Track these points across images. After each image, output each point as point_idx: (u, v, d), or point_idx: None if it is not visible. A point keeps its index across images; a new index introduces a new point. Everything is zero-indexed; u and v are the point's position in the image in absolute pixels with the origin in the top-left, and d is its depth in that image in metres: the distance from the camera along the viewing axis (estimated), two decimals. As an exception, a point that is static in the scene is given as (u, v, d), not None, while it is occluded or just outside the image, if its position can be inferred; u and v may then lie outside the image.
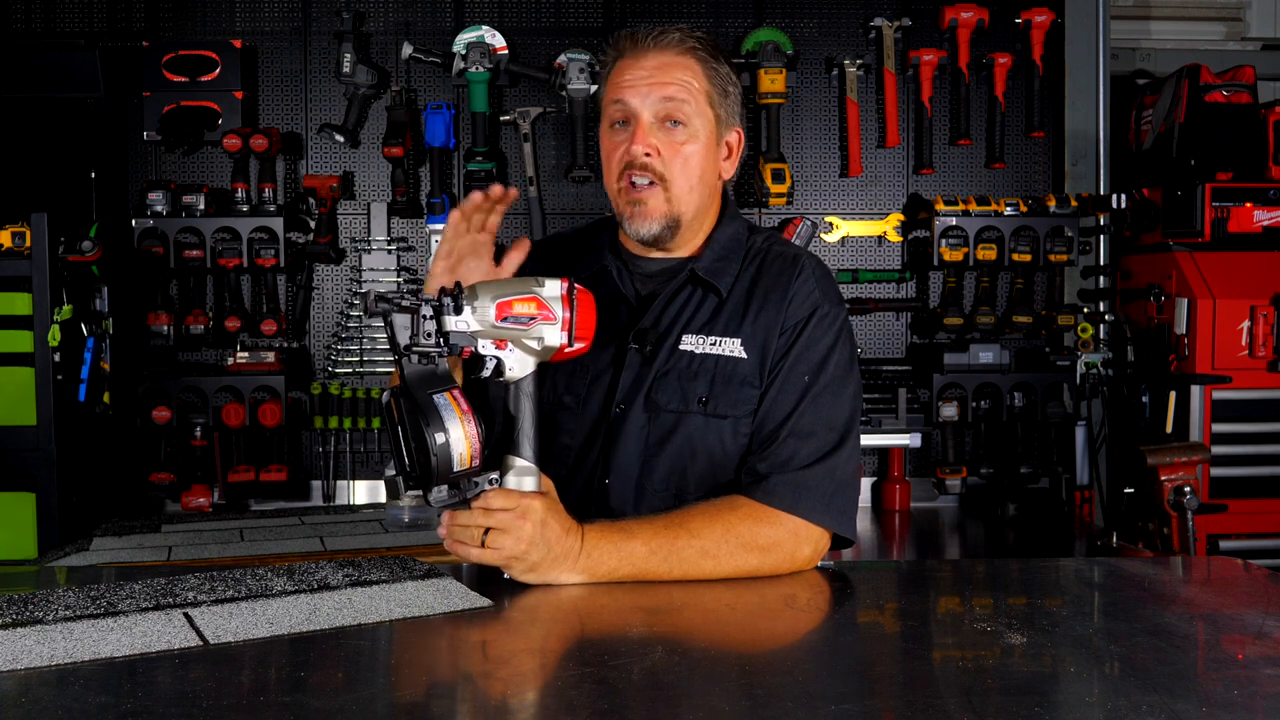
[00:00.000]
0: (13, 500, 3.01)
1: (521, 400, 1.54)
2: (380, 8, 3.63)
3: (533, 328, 1.52)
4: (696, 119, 1.76)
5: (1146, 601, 1.55)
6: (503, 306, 1.50)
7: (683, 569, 1.59)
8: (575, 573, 1.55)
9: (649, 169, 1.74)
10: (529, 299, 1.51)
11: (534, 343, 1.53)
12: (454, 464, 1.45)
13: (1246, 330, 3.40)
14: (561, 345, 1.53)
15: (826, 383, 1.74)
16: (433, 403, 1.45)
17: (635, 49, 1.76)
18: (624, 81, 1.75)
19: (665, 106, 1.74)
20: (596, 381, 1.77)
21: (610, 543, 1.56)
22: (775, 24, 3.63)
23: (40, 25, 3.60)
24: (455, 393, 1.47)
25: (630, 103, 1.74)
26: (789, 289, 1.78)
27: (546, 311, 1.52)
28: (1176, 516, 2.86)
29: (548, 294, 1.53)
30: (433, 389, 1.46)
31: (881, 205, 3.72)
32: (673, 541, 1.59)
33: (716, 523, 1.62)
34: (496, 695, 1.20)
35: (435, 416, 1.45)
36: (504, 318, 1.50)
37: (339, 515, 3.30)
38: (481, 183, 3.49)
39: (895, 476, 3.58)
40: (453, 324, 1.49)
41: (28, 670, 1.21)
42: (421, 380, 1.47)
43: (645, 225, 1.76)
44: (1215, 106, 3.54)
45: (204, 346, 3.56)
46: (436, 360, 1.49)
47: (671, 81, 1.74)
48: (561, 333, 1.53)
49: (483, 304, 1.50)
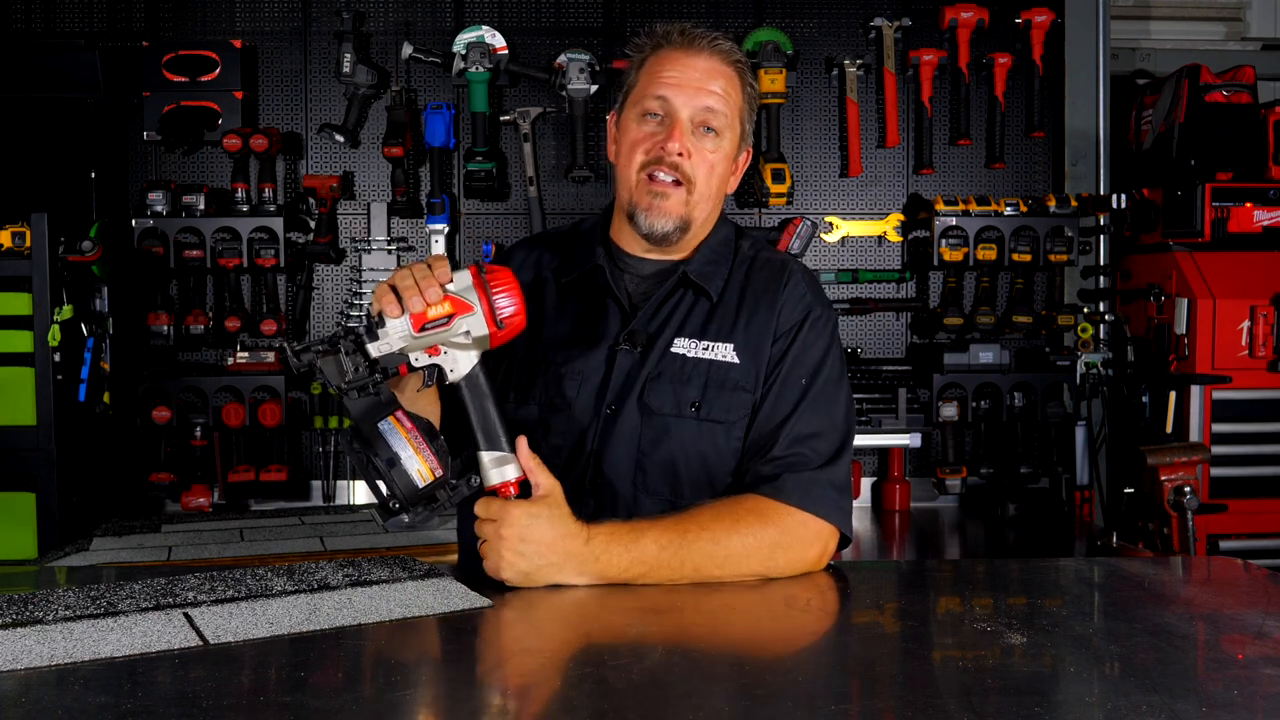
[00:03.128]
0: (13, 500, 3.01)
1: (476, 396, 1.54)
2: (380, 8, 3.63)
3: (454, 325, 1.50)
4: (727, 131, 1.77)
5: (1146, 601, 1.55)
6: (417, 317, 1.49)
7: (694, 568, 1.58)
8: (584, 576, 1.54)
9: (678, 169, 1.75)
10: (441, 301, 1.49)
11: (462, 338, 1.51)
12: (415, 482, 1.47)
13: (1246, 330, 3.40)
14: (491, 332, 1.52)
15: (823, 385, 1.76)
16: (377, 431, 1.47)
17: (689, 45, 1.76)
18: (669, 77, 1.75)
19: (705, 114, 1.75)
20: (587, 382, 1.77)
21: (620, 544, 1.56)
22: (775, 24, 3.63)
23: (40, 25, 3.60)
24: (399, 414, 1.48)
25: (673, 100, 1.74)
26: (779, 295, 1.80)
27: (463, 305, 1.50)
28: (1176, 516, 2.86)
29: (458, 288, 1.51)
30: (377, 418, 1.47)
31: (881, 205, 3.72)
32: (683, 539, 1.58)
33: (726, 520, 1.61)
34: (496, 695, 1.21)
35: (382, 444, 1.46)
36: (421, 326, 1.49)
37: (339, 515, 3.30)
38: (481, 182, 3.50)
39: (895, 476, 3.58)
40: (375, 350, 1.49)
41: (28, 670, 1.21)
42: (367, 413, 1.48)
43: (661, 221, 1.76)
44: (1215, 106, 3.54)
45: (204, 346, 3.56)
46: (376, 389, 1.49)
47: (715, 91, 1.75)
48: (485, 321, 1.51)
49: (398, 320, 1.49)
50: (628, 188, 1.79)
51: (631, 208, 1.78)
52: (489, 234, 3.65)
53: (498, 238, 3.64)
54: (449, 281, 1.51)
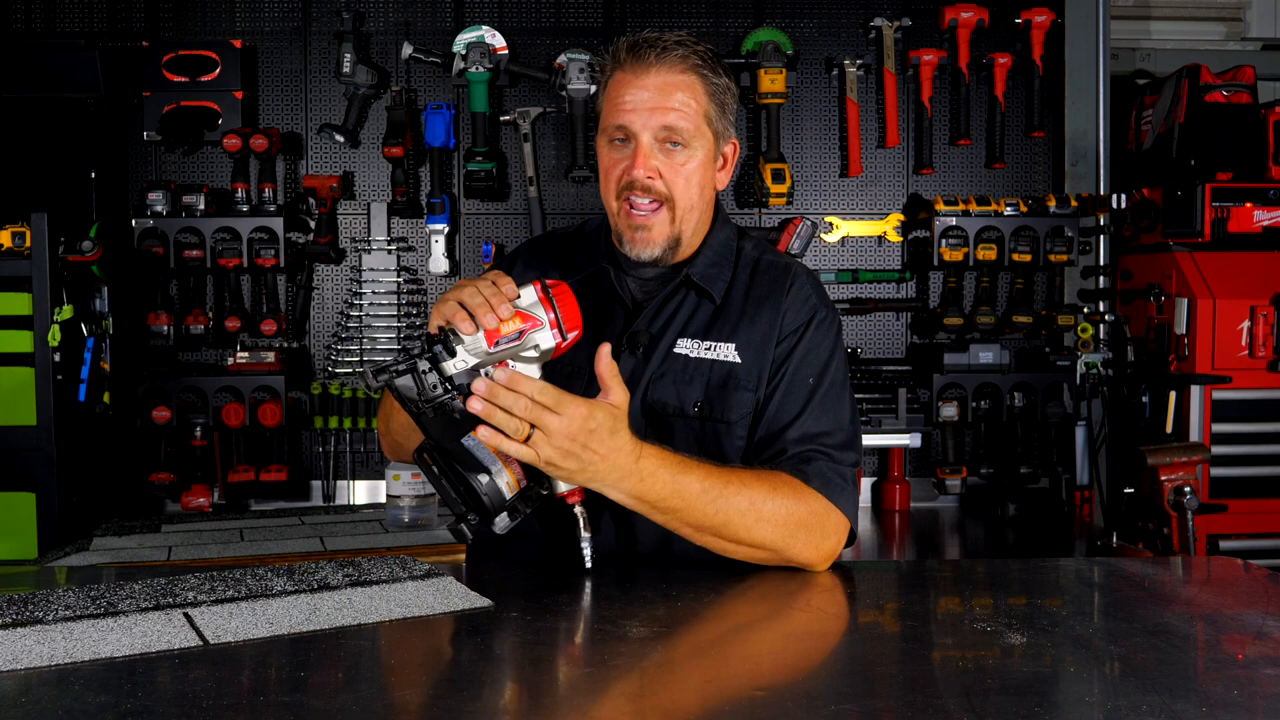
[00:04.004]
0: (13, 500, 3.01)
1: None
2: (380, 8, 3.63)
3: (525, 339, 1.55)
4: (696, 138, 1.76)
5: (1146, 601, 1.55)
6: (491, 334, 1.53)
7: (725, 520, 1.59)
8: (623, 492, 1.55)
9: (651, 190, 1.75)
10: (512, 316, 1.54)
11: (532, 352, 1.56)
12: (505, 494, 1.50)
13: (1246, 330, 3.40)
14: (558, 344, 1.57)
15: (830, 386, 1.78)
16: (463, 447, 1.50)
17: (636, 63, 1.74)
18: (624, 103, 1.74)
19: (664, 132, 1.74)
20: (591, 384, 1.77)
21: (668, 470, 1.56)
22: (775, 24, 3.63)
23: (40, 25, 3.60)
24: (479, 428, 1.50)
25: (630, 126, 1.74)
26: (784, 297, 1.81)
27: (532, 320, 1.55)
28: (1176, 516, 2.86)
29: (526, 303, 1.56)
30: (460, 433, 1.51)
31: (881, 205, 3.72)
32: (725, 487, 1.59)
33: (766, 485, 1.63)
34: (496, 695, 1.21)
35: (472, 460, 1.50)
36: (495, 343, 1.53)
37: (339, 515, 3.30)
38: (481, 182, 3.50)
39: (895, 476, 3.58)
40: (452, 368, 1.53)
41: (28, 670, 1.21)
42: (447, 429, 1.52)
43: (647, 250, 1.78)
44: (1215, 106, 3.54)
45: (204, 346, 3.56)
46: (451, 405, 1.52)
47: (672, 107, 1.73)
48: (553, 333, 1.55)
49: (472, 337, 1.53)
50: (611, 214, 1.81)
51: (618, 234, 1.81)
52: (489, 234, 3.65)
53: (498, 238, 3.64)
54: (516, 297, 1.55)
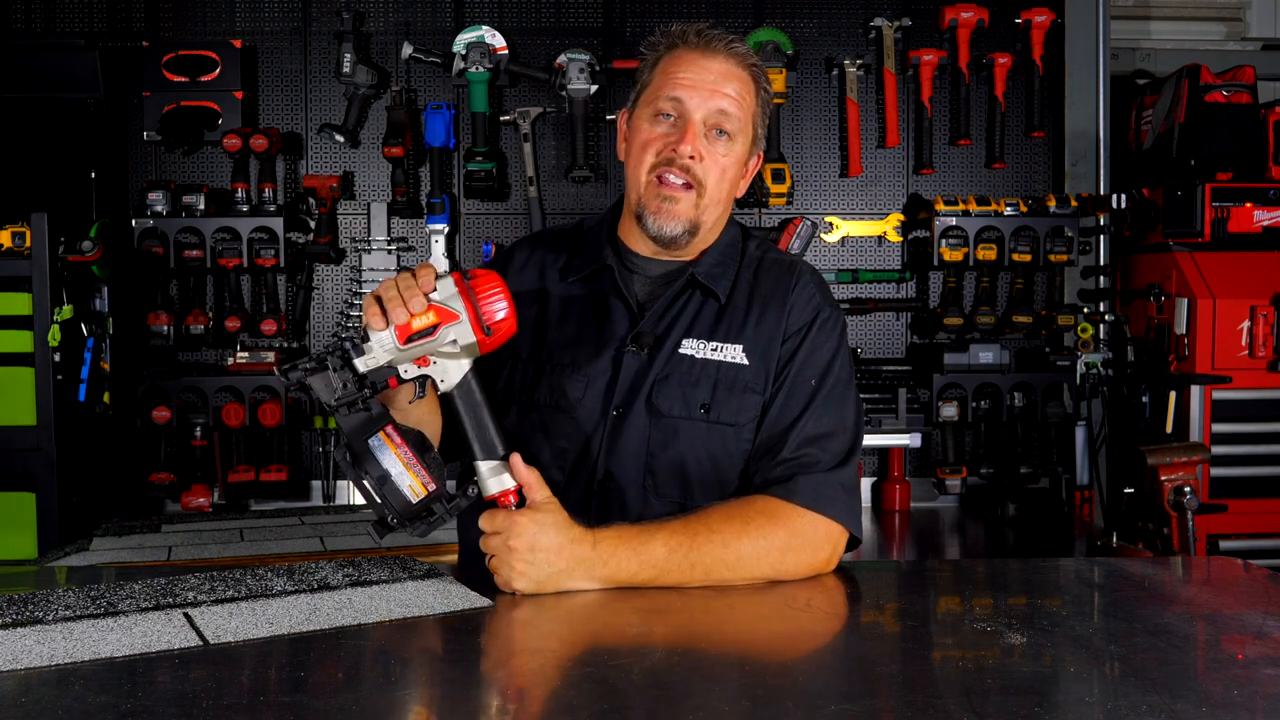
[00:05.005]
0: (13, 500, 3.01)
1: (470, 405, 1.52)
2: (380, 8, 3.63)
3: (440, 334, 1.48)
4: (740, 135, 1.76)
5: (1146, 601, 1.55)
6: (402, 329, 1.47)
7: (705, 571, 1.57)
8: (594, 580, 1.53)
9: (689, 171, 1.72)
10: (425, 311, 1.48)
11: (450, 347, 1.50)
12: (408, 498, 1.45)
13: (1246, 330, 3.40)
14: (480, 339, 1.50)
15: (832, 385, 1.76)
16: (368, 448, 1.45)
17: (705, 47, 1.74)
18: (684, 78, 1.72)
19: (718, 117, 1.73)
20: (593, 384, 1.76)
21: (628, 548, 1.54)
22: (775, 24, 3.63)
23: (40, 25, 3.60)
24: (389, 429, 1.47)
25: (687, 101, 1.72)
26: (789, 296, 1.79)
27: (448, 314, 1.48)
28: (1176, 516, 2.85)
29: (443, 296, 1.49)
30: (367, 434, 1.46)
31: (881, 205, 3.72)
32: (693, 540, 1.57)
33: (736, 522, 1.60)
34: (496, 695, 1.21)
35: (372, 461, 1.45)
36: (407, 338, 1.47)
37: (339, 515, 3.30)
38: (481, 182, 3.50)
39: (895, 476, 3.58)
40: (362, 365, 1.48)
41: (28, 670, 1.21)
42: (358, 429, 1.47)
43: (670, 224, 1.74)
44: (1215, 106, 3.53)
45: (204, 346, 3.56)
46: (367, 404, 1.47)
47: (730, 94, 1.73)
48: (472, 329, 1.49)
49: (385, 333, 1.47)
50: (636, 189, 1.76)
51: (640, 209, 1.76)
52: (489, 234, 3.65)
53: (498, 238, 3.64)
54: (433, 290, 1.49)
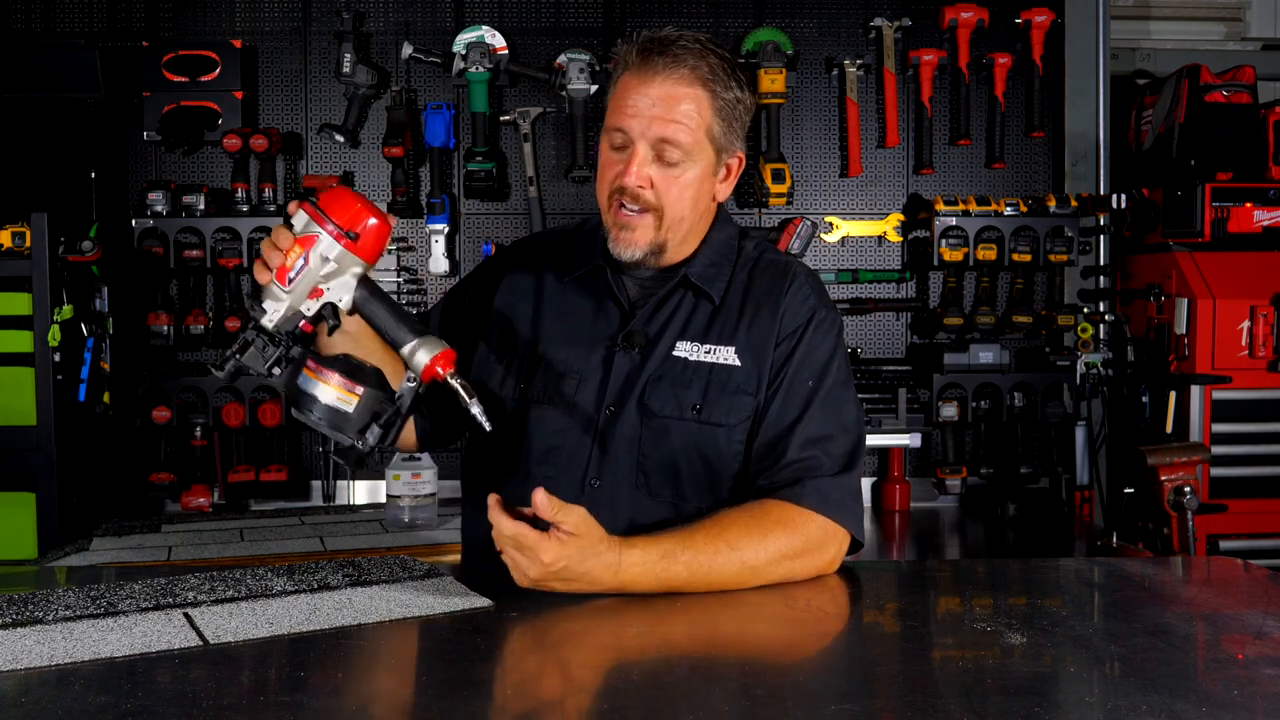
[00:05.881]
0: (13, 500, 3.01)
1: (373, 308, 1.58)
2: (380, 8, 3.63)
3: (311, 260, 1.54)
4: (695, 152, 1.72)
5: (1146, 601, 1.55)
6: (281, 271, 1.54)
7: (720, 585, 1.58)
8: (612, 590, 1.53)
9: (640, 199, 1.72)
10: (291, 245, 1.54)
11: (331, 267, 1.55)
12: (341, 408, 1.51)
13: (1246, 330, 3.40)
14: (349, 246, 1.54)
15: (831, 386, 1.76)
16: (298, 388, 1.52)
17: (644, 69, 1.70)
18: (626, 107, 1.71)
19: (661, 145, 1.71)
20: (585, 382, 1.76)
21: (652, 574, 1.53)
22: (775, 24, 3.63)
23: (40, 25, 3.60)
24: (309, 362, 1.53)
25: (630, 131, 1.71)
26: (783, 297, 1.79)
27: (309, 239, 1.54)
28: (1176, 516, 2.85)
29: (300, 226, 1.55)
30: (296, 376, 1.53)
31: (881, 205, 3.72)
32: (712, 561, 1.57)
33: (755, 534, 1.61)
34: (496, 696, 1.21)
35: (303, 396, 1.51)
36: (288, 279, 1.54)
37: (339, 515, 3.30)
38: (481, 182, 3.50)
39: (895, 476, 3.58)
40: (268, 321, 1.55)
41: (28, 670, 1.21)
42: (289, 378, 1.54)
43: (629, 250, 1.75)
44: (1215, 106, 3.53)
45: (204, 346, 3.56)
46: (292, 358, 1.54)
47: (673, 119, 1.69)
48: (334, 240, 1.54)
49: (272, 284, 1.54)
50: (603, 211, 1.79)
51: (605, 231, 1.79)
52: (489, 234, 3.65)
53: (498, 238, 3.64)
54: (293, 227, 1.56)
